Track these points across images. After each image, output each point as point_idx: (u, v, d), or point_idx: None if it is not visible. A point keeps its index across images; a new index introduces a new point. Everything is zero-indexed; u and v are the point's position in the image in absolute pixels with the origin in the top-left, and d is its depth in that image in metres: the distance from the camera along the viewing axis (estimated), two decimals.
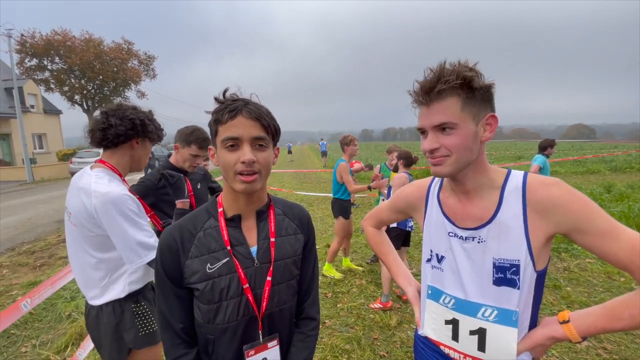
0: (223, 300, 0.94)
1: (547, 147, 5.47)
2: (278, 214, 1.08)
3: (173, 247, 0.94)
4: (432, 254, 1.09)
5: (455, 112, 0.86)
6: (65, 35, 27.49)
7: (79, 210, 1.36)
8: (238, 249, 0.97)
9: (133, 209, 1.38)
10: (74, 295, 3.94)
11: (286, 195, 10.60)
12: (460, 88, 0.85)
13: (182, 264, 0.94)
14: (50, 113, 25.35)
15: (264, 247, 1.00)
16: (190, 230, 0.96)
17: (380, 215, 1.35)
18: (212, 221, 0.98)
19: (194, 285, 0.94)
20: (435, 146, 0.90)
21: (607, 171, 15.22)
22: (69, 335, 3.07)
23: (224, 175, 0.93)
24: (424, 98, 0.89)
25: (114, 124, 1.42)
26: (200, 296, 0.94)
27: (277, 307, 1.02)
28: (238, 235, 0.98)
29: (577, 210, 0.83)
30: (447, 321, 1.04)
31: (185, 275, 0.94)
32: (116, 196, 1.34)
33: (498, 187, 0.94)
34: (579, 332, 0.85)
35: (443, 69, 0.86)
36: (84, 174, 1.43)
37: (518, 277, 0.89)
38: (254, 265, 0.97)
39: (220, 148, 0.90)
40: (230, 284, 0.94)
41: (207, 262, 0.94)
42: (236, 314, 0.95)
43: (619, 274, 4.19)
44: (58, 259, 5.38)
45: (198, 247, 0.95)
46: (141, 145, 1.55)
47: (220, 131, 0.90)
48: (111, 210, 1.33)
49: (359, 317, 3.42)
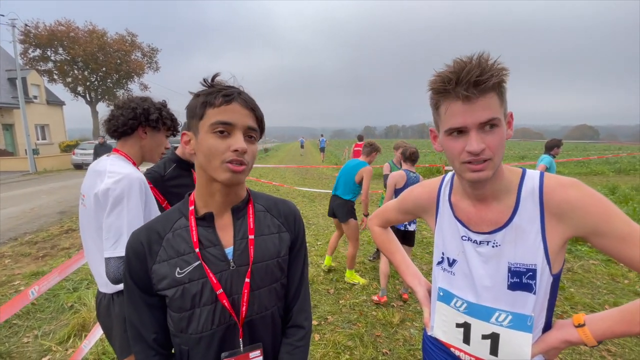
0: (195, 308, 0.85)
1: (553, 147, 5.39)
2: (258, 210, 0.97)
3: (140, 251, 0.86)
4: (444, 257, 1.06)
5: (497, 108, 0.80)
6: (69, 26, 27.39)
7: (90, 192, 1.37)
8: (210, 251, 0.87)
9: (142, 195, 1.37)
10: (76, 286, 3.95)
11: (287, 191, 10.58)
12: (499, 82, 0.79)
13: (149, 268, 0.85)
14: (53, 104, 25.34)
15: (241, 248, 0.90)
16: (158, 232, 0.88)
17: (387, 215, 1.32)
18: (183, 221, 0.89)
19: (163, 291, 0.85)
20: (483, 147, 0.80)
21: (611, 173, 15.09)
22: (71, 326, 3.07)
23: (203, 164, 0.83)
24: (468, 91, 0.77)
25: (116, 115, 1.45)
26: (171, 303, 0.86)
27: (257, 313, 0.91)
28: (210, 235, 0.88)
29: (597, 213, 0.80)
30: (459, 324, 1.01)
31: (153, 281, 0.85)
32: (134, 178, 1.34)
33: (514, 189, 0.91)
34: (595, 337, 0.83)
35: (482, 61, 0.77)
36: (100, 160, 1.46)
37: (534, 281, 0.87)
38: (229, 268, 0.87)
39: (206, 133, 0.82)
40: (202, 289, 0.85)
41: (176, 267, 0.85)
42: (210, 323, 0.86)
43: (623, 276, 4.16)
44: (60, 250, 5.39)
45: (166, 249, 0.86)
46: (150, 135, 1.54)
47: (208, 114, 0.82)
48: (124, 191, 1.31)
49: (362, 314, 3.41)
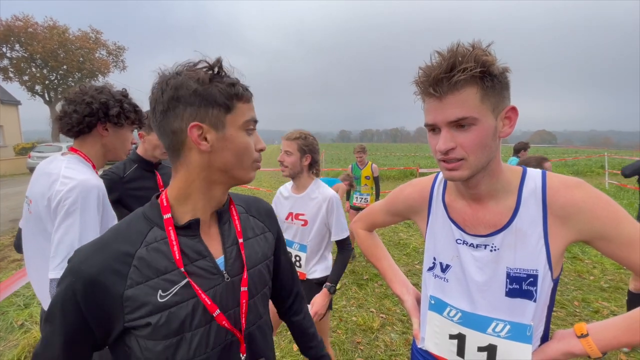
0: (186, 332, 0.71)
1: (521, 150, 5.62)
2: (241, 212, 0.89)
3: (93, 279, 0.65)
4: (436, 262, 0.99)
5: (475, 105, 0.73)
6: (27, 22, 25.55)
7: (40, 197, 1.19)
8: (199, 265, 0.74)
9: (100, 207, 1.21)
10: (27, 302, 3.58)
11: (264, 195, 10.37)
12: (479, 76, 0.72)
13: (115, 297, 0.66)
14: (8, 104, 23.59)
15: (232, 256, 0.80)
16: (122, 250, 0.69)
17: (373, 217, 1.24)
18: (157, 231, 0.73)
19: (140, 320, 0.67)
20: (451, 146, 0.76)
21: (570, 174, 16.08)
22: (21, 347, 2.78)
23: (229, 163, 0.73)
24: (435, 90, 0.75)
25: (69, 111, 1.25)
26: (153, 332, 0.68)
27: (254, 323, 0.83)
28: (197, 245, 0.75)
29: (604, 216, 0.75)
30: (452, 336, 0.94)
31: (126, 310, 0.67)
32: (91, 186, 1.18)
33: (514, 189, 0.85)
34: (600, 347, 0.78)
35: (457, 53, 0.72)
36: (53, 160, 1.27)
37: (535, 288, 0.81)
38: (224, 281, 0.76)
39: (239, 129, 0.73)
40: (193, 311, 0.71)
41: (157, 289, 0.69)
42: (205, 346, 0.73)
43: (588, 272, 4.36)
44: (11, 262, 4.92)
45: (140, 269, 0.68)
46: (112, 131, 1.36)
47: (240, 109, 0.73)
48: (78, 201, 1.15)
49: (342, 320, 3.32)
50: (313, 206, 1.94)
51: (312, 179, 2.01)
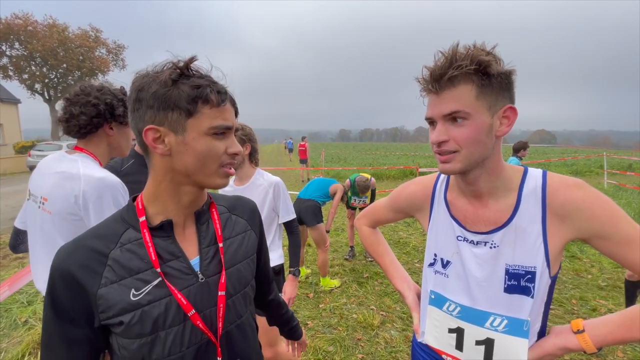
0: (159, 331, 0.72)
1: (520, 149, 5.63)
2: (222, 212, 0.89)
3: (72, 276, 0.68)
4: (437, 258, 1.02)
5: (469, 101, 0.77)
6: (26, 20, 25.49)
7: (59, 196, 1.22)
8: (173, 265, 0.75)
9: (124, 202, 1.25)
10: (31, 299, 3.61)
11: None
12: (475, 74, 0.76)
13: (91, 295, 0.68)
14: (8, 102, 23.50)
15: (209, 257, 0.80)
16: (98, 249, 0.71)
17: (377, 214, 1.27)
18: (132, 233, 0.74)
19: (113, 319, 0.69)
20: (443, 138, 0.81)
21: (569, 174, 16.14)
22: (26, 343, 2.79)
23: (191, 168, 0.73)
24: (433, 85, 0.80)
25: (75, 113, 1.27)
26: (127, 331, 0.70)
27: (232, 323, 0.83)
28: (170, 246, 0.76)
29: (603, 215, 0.77)
30: (451, 330, 0.97)
31: (100, 308, 0.69)
32: (114, 182, 1.23)
33: (515, 188, 0.87)
34: (595, 343, 0.80)
35: (455, 52, 0.77)
36: (62, 159, 1.29)
37: (533, 284, 0.84)
38: (198, 282, 0.77)
39: (201, 134, 0.71)
40: (166, 310, 0.72)
41: (130, 288, 0.70)
42: (179, 345, 0.74)
43: (586, 271, 4.39)
44: (13, 260, 4.94)
45: (114, 269, 0.70)
46: (117, 130, 1.39)
47: (204, 113, 0.70)
48: (106, 197, 1.21)
49: (342, 317, 3.36)
50: (259, 193, 2.00)
51: (254, 169, 2.07)
